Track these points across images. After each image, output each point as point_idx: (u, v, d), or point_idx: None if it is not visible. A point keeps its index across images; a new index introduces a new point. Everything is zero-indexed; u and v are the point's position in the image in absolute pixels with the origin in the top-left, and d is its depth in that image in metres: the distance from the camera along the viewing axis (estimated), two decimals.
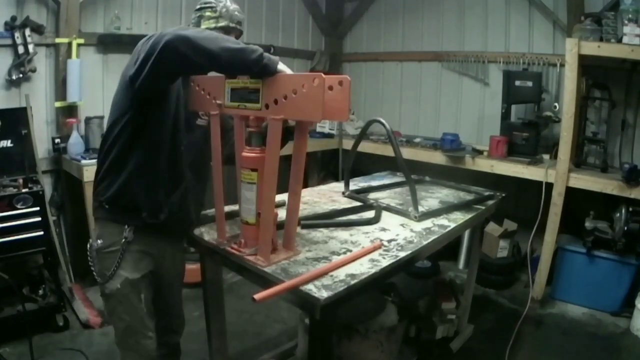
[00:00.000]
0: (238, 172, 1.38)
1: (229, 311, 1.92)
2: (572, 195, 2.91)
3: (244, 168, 1.32)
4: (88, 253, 1.53)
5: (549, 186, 2.95)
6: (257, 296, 1.11)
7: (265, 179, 1.26)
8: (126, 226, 1.46)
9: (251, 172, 1.30)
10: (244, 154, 1.32)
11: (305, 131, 1.30)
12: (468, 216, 1.98)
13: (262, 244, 1.31)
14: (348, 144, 4.09)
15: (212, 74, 1.40)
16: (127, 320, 1.50)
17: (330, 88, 1.12)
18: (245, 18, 3.99)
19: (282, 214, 1.39)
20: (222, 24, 1.55)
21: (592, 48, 2.74)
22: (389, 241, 1.57)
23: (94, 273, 1.52)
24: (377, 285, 1.84)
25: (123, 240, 1.45)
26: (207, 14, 1.55)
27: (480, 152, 3.42)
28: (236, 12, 1.59)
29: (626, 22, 2.67)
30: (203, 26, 1.54)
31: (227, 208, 1.54)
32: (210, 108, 1.41)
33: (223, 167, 1.47)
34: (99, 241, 1.47)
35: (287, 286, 1.17)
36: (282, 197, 1.45)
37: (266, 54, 1.23)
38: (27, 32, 2.65)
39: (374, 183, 2.51)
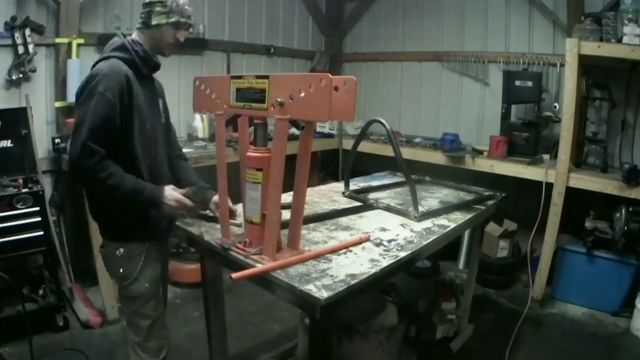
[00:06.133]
0: (242, 171, 1.38)
1: (229, 311, 1.92)
2: (572, 195, 2.91)
3: (249, 168, 1.32)
4: (103, 259, 1.64)
5: (549, 186, 2.95)
6: (234, 275, 1.20)
7: (271, 178, 1.26)
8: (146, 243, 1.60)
9: (256, 172, 1.30)
10: (249, 153, 1.32)
11: (311, 131, 1.30)
12: (468, 216, 1.98)
13: (267, 244, 1.31)
14: (348, 144, 4.09)
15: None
16: (153, 316, 1.60)
17: (336, 88, 1.11)
18: (246, 18, 4.05)
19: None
20: (172, 19, 1.53)
21: (592, 48, 2.74)
22: (389, 241, 1.57)
23: (114, 277, 1.62)
24: (377, 285, 1.84)
25: (146, 244, 1.59)
26: (157, 9, 1.51)
27: (480, 152, 3.42)
28: (186, 7, 1.56)
29: (626, 22, 2.67)
30: (153, 21, 1.52)
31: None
32: (215, 108, 1.41)
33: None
34: (121, 250, 1.55)
35: (263, 269, 1.24)
36: (284, 196, 1.45)
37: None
38: (27, 32, 2.65)
39: (374, 183, 2.51)
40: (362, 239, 1.53)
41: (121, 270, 1.57)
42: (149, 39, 1.55)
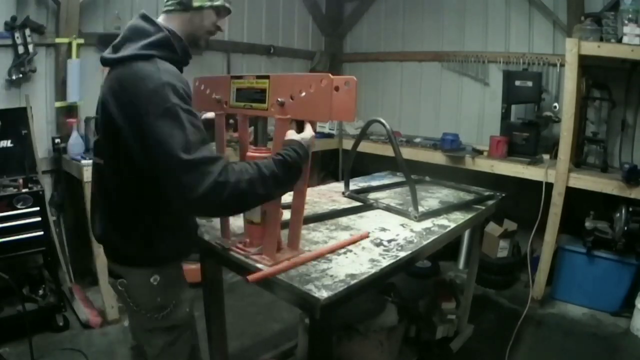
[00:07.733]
0: None
1: (229, 311, 1.92)
2: (572, 195, 2.91)
3: None
4: (121, 292, 1.30)
5: (549, 186, 2.95)
6: (250, 277, 1.20)
7: None
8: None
9: None
10: (250, 153, 1.32)
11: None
12: (468, 216, 1.98)
13: (267, 244, 1.31)
14: (348, 144, 4.09)
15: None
16: (190, 345, 1.41)
17: (337, 89, 1.11)
18: (246, 18, 4.04)
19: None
20: (217, 2, 1.27)
21: (592, 48, 2.74)
22: (389, 241, 1.57)
23: (143, 310, 1.29)
24: (377, 285, 1.84)
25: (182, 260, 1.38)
26: None
27: (480, 152, 3.42)
28: None
29: (626, 22, 2.67)
30: (195, 2, 1.24)
31: None
32: (215, 108, 1.41)
33: None
34: (157, 277, 1.27)
35: (278, 269, 1.24)
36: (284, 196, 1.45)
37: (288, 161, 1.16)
38: (27, 32, 2.65)
39: (374, 183, 2.51)
40: (362, 236, 1.54)
41: (158, 300, 1.29)
42: (186, 24, 1.26)
